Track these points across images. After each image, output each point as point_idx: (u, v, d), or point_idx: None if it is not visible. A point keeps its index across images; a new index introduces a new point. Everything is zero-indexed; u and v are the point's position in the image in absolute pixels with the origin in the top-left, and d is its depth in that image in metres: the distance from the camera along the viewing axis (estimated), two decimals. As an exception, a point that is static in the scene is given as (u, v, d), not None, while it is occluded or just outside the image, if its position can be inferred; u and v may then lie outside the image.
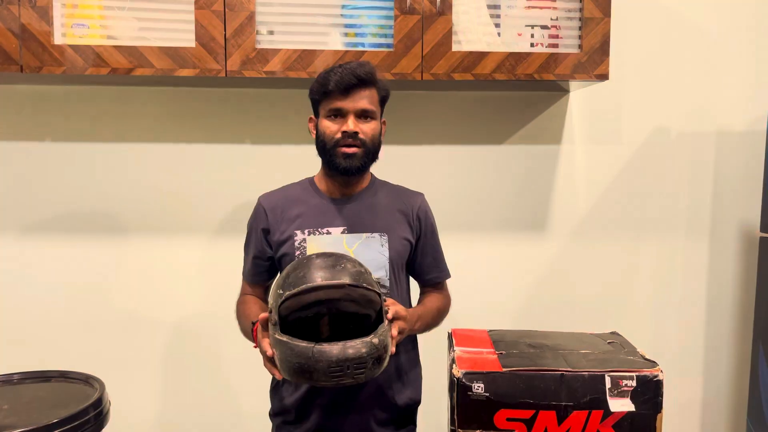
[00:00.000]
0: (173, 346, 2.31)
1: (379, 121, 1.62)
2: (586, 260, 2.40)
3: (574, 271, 2.40)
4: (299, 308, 1.33)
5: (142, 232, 2.26)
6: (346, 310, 1.36)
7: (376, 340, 1.28)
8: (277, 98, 2.25)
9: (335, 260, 1.35)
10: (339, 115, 1.56)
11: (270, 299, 1.39)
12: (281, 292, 1.31)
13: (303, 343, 1.26)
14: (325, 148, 1.57)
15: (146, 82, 2.12)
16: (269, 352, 1.34)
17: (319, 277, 1.30)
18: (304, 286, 1.29)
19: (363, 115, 1.56)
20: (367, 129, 1.57)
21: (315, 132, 1.62)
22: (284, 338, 1.28)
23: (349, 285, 1.30)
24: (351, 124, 1.54)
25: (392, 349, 1.37)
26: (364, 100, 1.55)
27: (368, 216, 1.63)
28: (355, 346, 1.25)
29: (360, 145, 1.56)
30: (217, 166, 2.27)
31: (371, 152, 1.60)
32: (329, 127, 1.56)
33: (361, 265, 1.38)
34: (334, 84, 1.52)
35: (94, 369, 1.63)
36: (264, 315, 1.37)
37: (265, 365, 1.40)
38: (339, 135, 1.55)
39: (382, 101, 1.63)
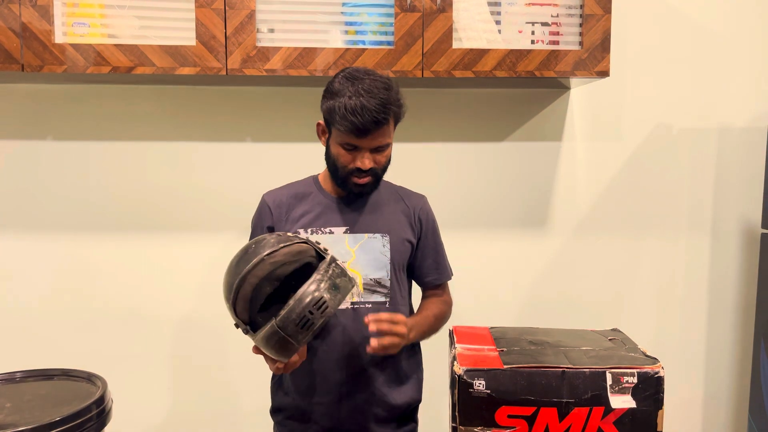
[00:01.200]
0: (175, 344, 2.31)
1: (391, 142, 1.58)
2: (588, 257, 2.40)
3: (576, 268, 2.40)
4: (251, 302, 1.37)
5: (144, 230, 2.27)
6: (286, 272, 1.39)
7: (318, 276, 1.32)
8: (277, 96, 2.25)
9: (243, 250, 1.39)
10: (354, 149, 1.52)
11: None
12: (227, 304, 1.38)
13: (267, 326, 1.32)
14: (338, 172, 1.57)
15: (147, 80, 2.12)
16: (257, 353, 1.39)
17: (241, 269, 1.35)
18: (235, 284, 1.34)
19: (378, 149, 1.54)
20: (380, 159, 1.56)
21: (324, 140, 1.60)
22: (256, 335, 1.34)
23: (267, 255, 1.34)
24: (366, 162, 1.52)
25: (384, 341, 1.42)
26: (380, 137, 1.51)
27: (370, 216, 1.63)
28: (303, 294, 1.30)
29: (373, 175, 1.56)
30: (218, 164, 2.27)
31: (382, 174, 1.61)
32: (343, 156, 1.54)
33: (268, 235, 1.42)
34: (351, 127, 1.46)
35: (97, 367, 1.63)
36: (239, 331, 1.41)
37: (270, 368, 1.45)
38: (353, 167, 1.54)
39: (397, 120, 1.58)
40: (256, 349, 1.41)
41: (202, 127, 2.26)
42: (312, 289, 1.31)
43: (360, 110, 1.45)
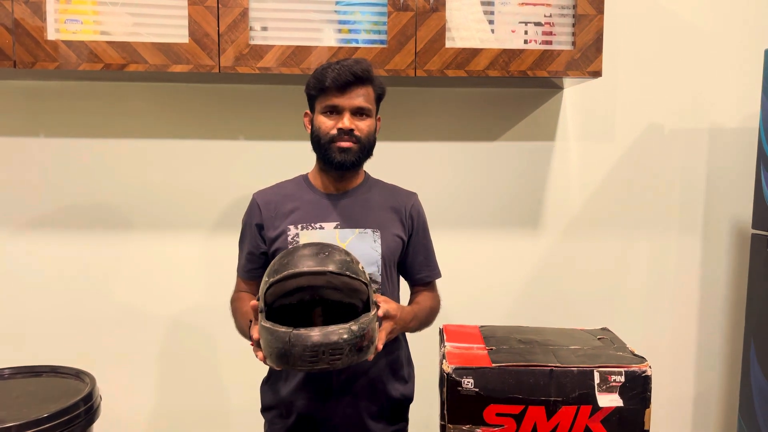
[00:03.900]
0: (166, 342, 2.31)
1: (374, 118, 1.62)
2: (579, 257, 2.41)
3: (567, 267, 2.41)
4: (283, 294, 1.35)
5: (135, 228, 2.26)
6: (330, 297, 1.38)
7: (355, 327, 1.28)
8: (270, 94, 2.25)
9: (321, 248, 1.36)
10: (335, 111, 1.56)
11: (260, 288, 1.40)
12: (267, 279, 1.33)
13: (282, 329, 1.28)
14: (320, 143, 1.58)
15: (140, 77, 2.12)
16: (255, 336, 1.35)
17: (303, 264, 1.32)
18: (285, 273, 1.30)
19: (359, 112, 1.57)
20: (362, 126, 1.58)
21: (310, 127, 1.63)
22: (267, 324, 1.30)
23: (331, 272, 1.31)
24: (347, 121, 1.55)
25: (379, 345, 1.38)
26: (360, 98, 1.56)
27: (361, 212, 1.64)
28: (332, 332, 1.26)
29: (355, 141, 1.57)
30: (211, 162, 2.27)
31: (366, 148, 1.61)
32: (325, 122, 1.57)
33: (348, 254, 1.38)
34: (330, 81, 1.53)
35: (86, 364, 1.63)
36: (254, 303, 1.38)
37: (254, 351, 1.41)
38: (334, 131, 1.56)
39: (378, 99, 1.63)
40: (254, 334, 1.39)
41: (194, 124, 2.25)
42: (343, 334, 1.27)
43: (338, 66, 1.53)
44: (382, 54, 1.97)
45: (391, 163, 2.25)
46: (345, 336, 1.27)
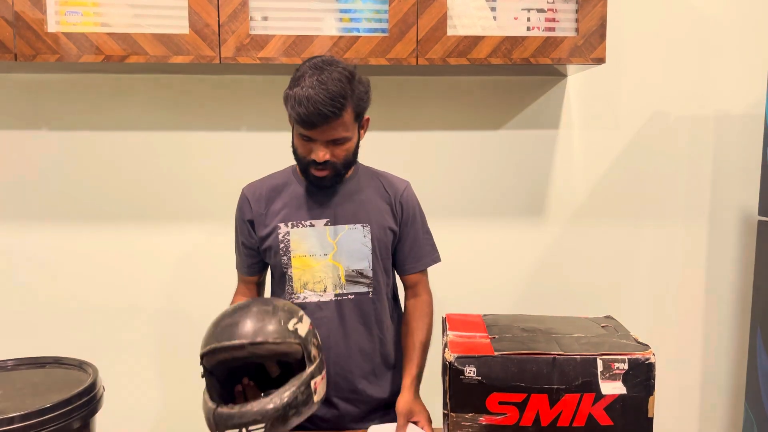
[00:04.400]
0: (168, 334, 2.32)
1: (354, 136, 1.55)
2: (584, 245, 2.40)
3: (572, 256, 2.40)
4: (219, 363, 1.37)
5: (137, 220, 2.27)
6: (260, 362, 1.40)
7: (278, 399, 1.30)
8: (272, 85, 2.24)
9: (239, 315, 1.36)
10: (309, 140, 1.50)
11: None
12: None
13: (209, 402, 1.32)
14: (299, 161, 1.56)
15: (141, 69, 2.11)
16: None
17: (221, 338, 1.33)
18: (207, 347, 1.33)
19: (333, 142, 1.50)
20: (339, 152, 1.52)
21: (292, 128, 1.57)
22: (204, 390, 1.35)
23: (249, 344, 1.31)
24: (320, 154, 1.49)
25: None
26: (333, 130, 1.47)
27: (351, 207, 1.61)
28: (247, 412, 1.28)
29: (331, 168, 1.53)
30: (213, 154, 2.26)
31: (343, 168, 1.57)
32: (301, 146, 1.53)
33: (275, 311, 1.37)
34: (298, 118, 1.44)
35: (89, 355, 1.63)
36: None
37: None
38: (310, 158, 1.52)
39: (360, 112, 1.53)
40: None
41: (196, 116, 2.25)
42: (261, 412, 1.29)
43: (306, 102, 1.41)
44: (383, 43, 1.95)
45: (392, 152, 2.24)
46: (263, 413, 1.28)
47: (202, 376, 1.36)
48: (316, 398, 1.37)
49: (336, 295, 1.60)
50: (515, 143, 2.34)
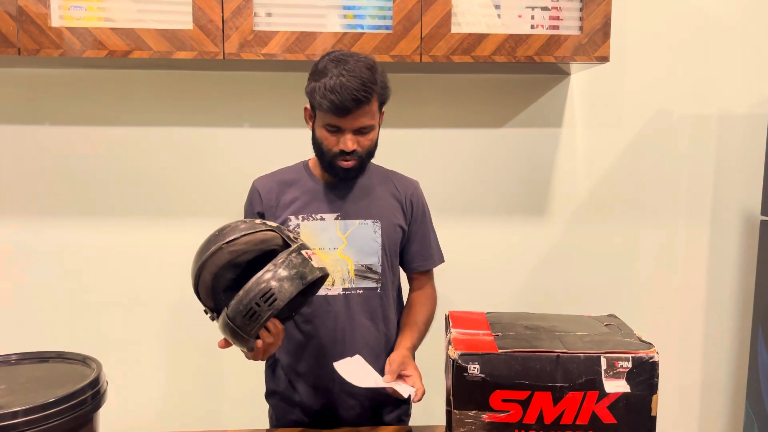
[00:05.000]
0: (172, 329, 2.32)
1: (378, 125, 1.57)
2: (586, 244, 2.40)
3: (575, 255, 2.40)
4: (213, 290, 1.37)
5: (140, 215, 2.27)
6: (247, 260, 1.38)
7: (271, 266, 1.30)
8: (275, 81, 2.24)
9: (209, 237, 1.40)
10: (337, 130, 1.51)
11: None
12: (194, 291, 1.39)
13: (221, 316, 1.31)
14: (323, 155, 1.56)
15: (144, 65, 2.11)
16: (221, 343, 1.39)
17: (200, 258, 1.37)
18: (194, 274, 1.36)
19: (361, 131, 1.52)
20: (365, 141, 1.53)
21: (311, 124, 1.58)
22: (215, 320, 1.35)
23: (224, 244, 1.35)
24: (349, 143, 1.50)
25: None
26: (363, 117, 1.49)
27: (362, 202, 1.62)
28: (252, 284, 1.28)
29: (357, 158, 1.54)
30: (216, 150, 2.26)
31: (367, 158, 1.58)
32: (327, 138, 1.52)
33: (241, 221, 1.42)
34: (331, 106, 1.45)
35: (93, 350, 1.63)
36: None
37: (246, 357, 1.44)
38: (337, 149, 1.52)
39: (383, 101, 1.56)
40: (224, 341, 1.40)
41: (199, 112, 2.25)
42: (263, 279, 1.28)
43: (340, 89, 1.43)
44: (387, 39, 1.95)
45: (396, 150, 2.24)
46: (264, 279, 1.28)
47: (212, 319, 1.38)
48: (315, 264, 1.36)
49: (344, 289, 1.60)
50: (518, 141, 2.34)
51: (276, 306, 1.29)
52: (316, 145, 1.57)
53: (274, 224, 1.41)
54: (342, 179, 1.59)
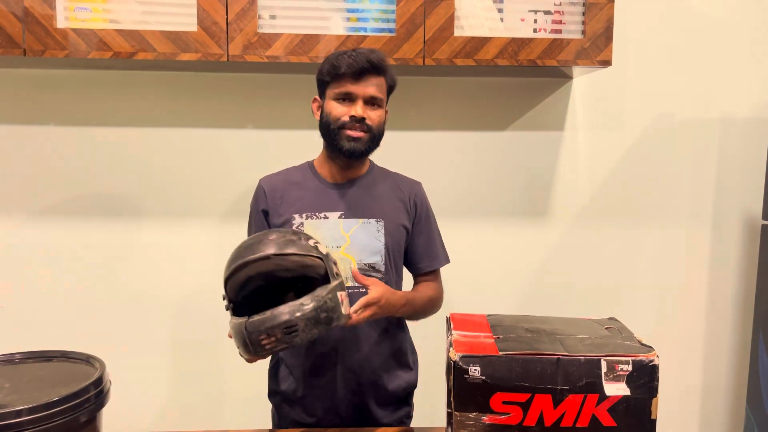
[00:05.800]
0: (175, 329, 2.33)
1: (384, 109, 1.62)
2: (588, 247, 2.40)
3: (576, 258, 2.40)
4: (241, 288, 1.38)
5: (144, 216, 2.27)
6: (284, 276, 1.39)
7: (307, 303, 1.30)
8: (279, 83, 2.25)
9: (261, 236, 1.39)
10: (348, 99, 1.56)
11: None
12: (223, 276, 1.37)
13: (240, 319, 1.31)
14: (330, 128, 1.58)
15: (149, 66, 2.12)
16: (229, 335, 1.39)
17: (246, 255, 1.35)
18: (232, 267, 1.35)
19: (371, 102, 1.57)
20: (374, 116, 1.58)
21: (319, 113, 1.62)
22: (231, 319, 1.34)
23: (273, 255, 1.34)
24: (359, 109, 1.55)
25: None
26: (374, 87, 1.56)
27: (366, 201, 1.64)
28: (281, 312, 1.28)
29: (366, 130, 1.57)
30: (220, 151, 2.27)
31: (376, 138, 1.61)
32: (336, 108, 1.56)
33: (295, 233, 1.40)
34: (346, 67, 1.53)
35: (96, 350, 1.64)
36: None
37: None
38: (346, 118, 1.55)
39: (389, 90, 1.63)
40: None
41: (203, 113, 2.26)
42: (294, 311, 1.29)
43: (354, 53, 1.54)
44: (390, 43, 1.96)
45: (399, 152, 2.24)
46: (297, 314, 1.28)
47: (227, 309, 1.38)
48: (344, 310, 1.37)
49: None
50: (520, 144, 2.34)
51: (294, 342, 1.30)
52: (324, 124, 1.59)
53: (323, 251, 1.40)
54: (348, 155, 1.58)
